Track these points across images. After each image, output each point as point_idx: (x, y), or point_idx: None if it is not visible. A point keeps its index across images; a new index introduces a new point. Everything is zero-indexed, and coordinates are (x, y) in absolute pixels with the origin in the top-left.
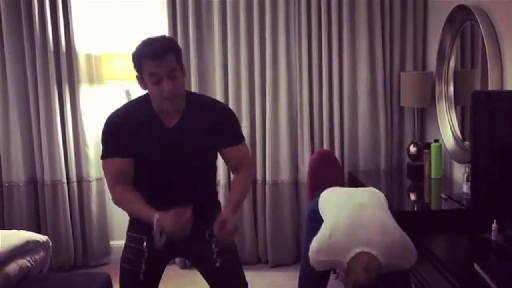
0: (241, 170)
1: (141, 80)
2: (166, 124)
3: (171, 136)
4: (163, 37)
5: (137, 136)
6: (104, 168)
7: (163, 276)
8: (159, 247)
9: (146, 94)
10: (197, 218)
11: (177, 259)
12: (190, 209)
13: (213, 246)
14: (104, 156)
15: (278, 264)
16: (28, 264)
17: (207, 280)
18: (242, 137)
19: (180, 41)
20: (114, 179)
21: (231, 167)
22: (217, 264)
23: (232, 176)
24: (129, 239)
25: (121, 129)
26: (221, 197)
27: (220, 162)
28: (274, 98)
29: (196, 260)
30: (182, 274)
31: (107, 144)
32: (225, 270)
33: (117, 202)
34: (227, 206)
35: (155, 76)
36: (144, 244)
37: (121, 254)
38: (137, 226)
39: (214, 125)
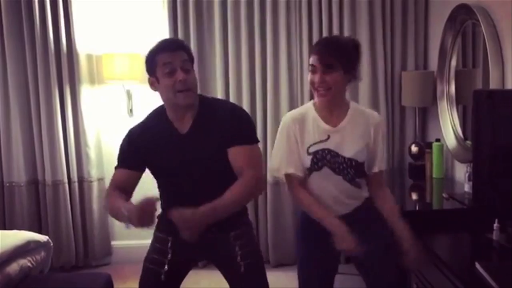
0: (243, 174)
1: (154, 80)
2: (180, 130)
3: (186, 143)
4: (176, 38)
5: (153, 146)
6: (113, 175)
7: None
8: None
9: (159, 106)
10: (221, 222)
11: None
12: (154, 201)
13: (237, 249)
14: (117, 165)
15: (280, 264)
16: (29, 264)
17: (231, 285)
18: (251, 139)
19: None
20: (113, 186)
21: (236, 171)
22: (242, 269)
23: None
24: (155, 239)
25: (134, 141)
26: None
27: None
28: (275, 98)
29: (221, 264)
30: (200, 274)
31: (120, 154)
32: (249, 275)
33: (106, 205)
34: (205, 205)
35: (169, 66)
36: (169, 244)
37: (146, 254)
38: (164, 227)
39: (225, 126)
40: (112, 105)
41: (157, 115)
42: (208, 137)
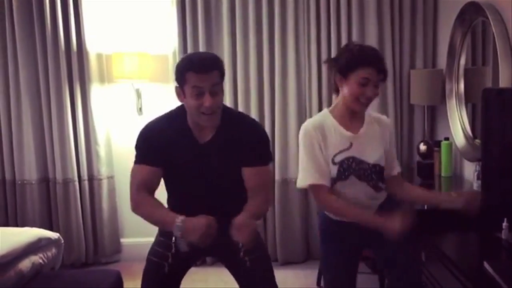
0: (258, 196)
1: (180, 92)
2: (199, 140)
3: (203, 153)
4: (211, 54)
5: (168, 149)
6: (132, 172)
7: (190, 274)
8: (184, 250)
9: (181, 107)
10: (226, 225)
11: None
12: (215, 221)
13: (240, 245)
14: (135, 161)
15: (287, 262)
16: (41, 260)
17: (238, 282)
18: (267, 159)
19: (189, 41)
20: (138, 185)
21: (249, 189)
22: (247, 264)
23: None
24: (160, 233)
25: (153, 139)
26: None
27: None
28: (283, 96)
29: (225, 259)
30: (208, 271)
31: (138, 150)
32: (255, 269)
33: (136, 207)
34: (243, 213)
35: (198, 89)
36: (173, 239)
37: (150, 247)
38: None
39: (245, 144)
40: (122, 104)
41: (177, 119)
42: (227, 151)
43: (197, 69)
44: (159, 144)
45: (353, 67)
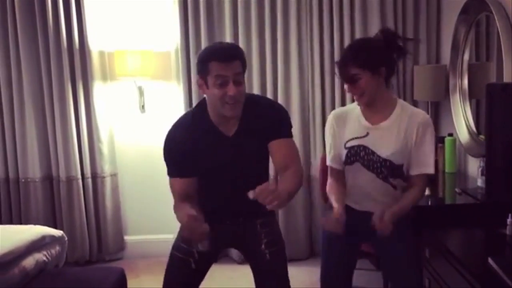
0: (290, 168)
1: (203, 83)
2: (225, 133)
3: (231, 146)
4: (233, 43)
5: (196, 149)
6: (169, 183)
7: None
8: (203, 249)
9: (198, 106)
10: (251, 213)
11: (234, 254)
12: (194, 213)
13: (263, 236)
14: (168, 173)
15: (291, 259)
16: (45, 258)
17: (254, 272)
18: (290, 133)
19: (191, 40)
20: (178, 197)
21: (278, 165)
22: (267, 256)
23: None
24: (175, 246)
25: (179, 149)
26: None
27: None
28: (286, 97)
29: (247, 251)
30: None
31: (168, 164)
32: (273, 263)
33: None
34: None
35: (221, 78)
36: (196, 254)
37: (173, 242)
38: None
39: (267, 122)
40: (124, 101)
41: (198, 117)
42: (253, 136)
43: (220, 58)
44: (187, 153)
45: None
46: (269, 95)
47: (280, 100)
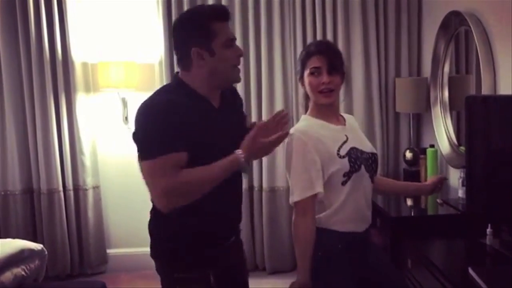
0: None
1: (204, 52)
2: (215, 105)
3: (221, 116)
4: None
5: (189, 121)
6: (151, 169)
7: None
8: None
9: (173, 83)
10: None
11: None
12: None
13: (244, 255)
14: (154, 153)
15: (275, 271)
16: (23, 272)
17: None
18: None
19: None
20: (172, 172)
21: None
22: (248, 277)
23: None
24: (188, 267)
25: (175, 115)
26: None
27: None
28: (269, 104)
29: (236, 271)
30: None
31: (159, 136)
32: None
33: (181, 187)
34: None
35: (232, 41)
36: (212, 279)
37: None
38: (196, 261)
39: (239, 99)
40: (108, 113)
41: (181, 89)
42: (234, 110)
43: (222, 17)
44: (179, 120)
45: (304, 62)
46: (253, 95)
47: (264, 99)
